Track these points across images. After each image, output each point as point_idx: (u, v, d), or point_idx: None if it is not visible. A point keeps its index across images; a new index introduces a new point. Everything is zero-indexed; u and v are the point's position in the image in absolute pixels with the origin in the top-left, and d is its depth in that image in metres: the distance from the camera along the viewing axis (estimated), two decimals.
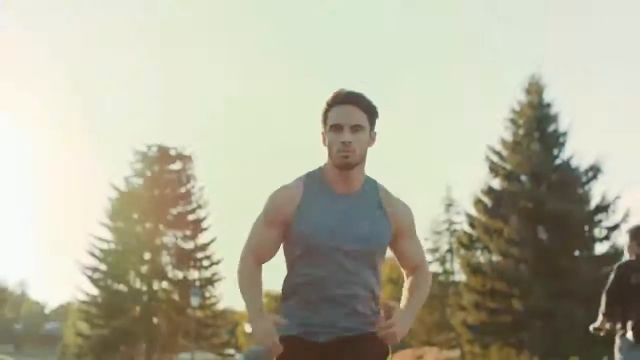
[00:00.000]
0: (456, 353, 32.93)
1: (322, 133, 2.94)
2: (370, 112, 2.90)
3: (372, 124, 2.92)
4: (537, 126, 27.70)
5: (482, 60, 69.74)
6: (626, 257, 6.01)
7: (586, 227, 27.13)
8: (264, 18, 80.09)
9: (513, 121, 28.65)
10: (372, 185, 2.97)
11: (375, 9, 76.11)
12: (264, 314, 2.87)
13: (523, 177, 27.30)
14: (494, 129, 31.99)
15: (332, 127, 2.86)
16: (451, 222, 38.21)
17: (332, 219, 2.87)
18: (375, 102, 2.96)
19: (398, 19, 73.67)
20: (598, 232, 27.20)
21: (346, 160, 2.84)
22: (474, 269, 27.15)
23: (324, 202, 2.89)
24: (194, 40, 78.21)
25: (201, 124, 73.17)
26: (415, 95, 71.49)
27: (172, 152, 35.50)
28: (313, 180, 2.94)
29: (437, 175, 67.43)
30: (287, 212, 2.89)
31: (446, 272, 37.71)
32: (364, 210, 2.91)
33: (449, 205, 38.15)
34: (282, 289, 3.01)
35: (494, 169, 27.84)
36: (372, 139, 2.94)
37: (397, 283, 35.53)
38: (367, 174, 2.99)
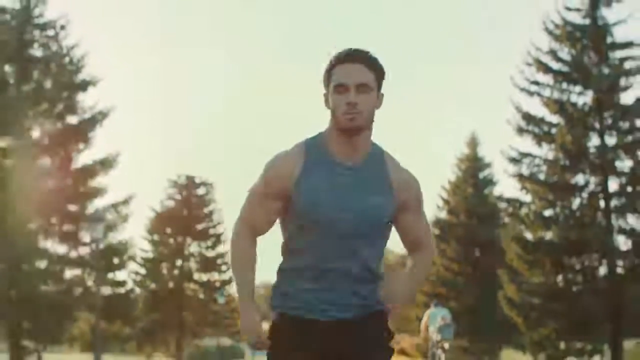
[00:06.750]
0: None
1: (325, 94, 2.94)
2: (378, 71, 2.93)
3: (379, 84, 2.94)
4: (472, 174, 41.98)
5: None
6: None
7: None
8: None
9: (457, 166, 42.96)
10: (378, 154, 2.98)
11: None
12: (251, 304, 2.99)
13: (460, 212, 41.66)
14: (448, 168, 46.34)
15: (337, 87, 2.87)
16: None
17: (332, 193, 2.88)
18: (382, 62, 2.93)
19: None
20: None
21: (352, 124, 2.85)
22: None
23: (325, 174, 2.90)
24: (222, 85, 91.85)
25: (221, 155, 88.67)
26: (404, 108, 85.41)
27: (197, 180, 48.36)
28: (314, 148, 2.95)
29: None
30: (287, 184, 2.92)
31: None
32: (367, 184, 2.91)
33: None
34: (280, 264, 3.06)
35: (440, 206, 42.39)
36: (379, 100, 2.94)
37: None
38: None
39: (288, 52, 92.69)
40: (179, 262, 45.97)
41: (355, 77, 2.86)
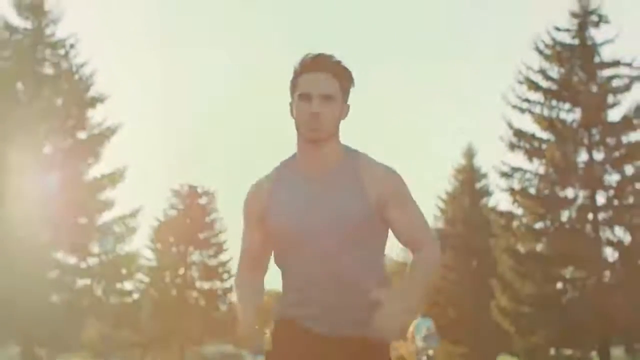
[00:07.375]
0: None
1: (290, 103, 2.92)
2: (344, 79, 2.89)
3: (345, 92, 2.90)
4: (469, 184, 43.46)
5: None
6: None
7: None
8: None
9: (454, 177, 44.39)
10: (351, 158, 2.93)
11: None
12: (252, 309, 2.92)
13: (457, 222, 43.10)
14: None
15: (300, 97, 2.86)
16: None
17: (297, 205, 2.88)
18: (348, 67, 2.88)
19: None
20: None
21: (315, 135, 2.85)
22: None
23: (291, 188, 2.91)
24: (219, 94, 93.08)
25: (222, 162, 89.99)
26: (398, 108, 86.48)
27: (199, 190, 49.44)
28: (285, 167, 2.97)
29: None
30: (260, 209, 2.96)
31: None
32: (334, 190, 2.86)
33: None
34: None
35: (437, 216, 43.81)
36: (344, 111, 2.91)
37: None
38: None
39: (289, 52, 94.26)
40: (181, 271, 47.38)
41: (320, 87, 2.85)
